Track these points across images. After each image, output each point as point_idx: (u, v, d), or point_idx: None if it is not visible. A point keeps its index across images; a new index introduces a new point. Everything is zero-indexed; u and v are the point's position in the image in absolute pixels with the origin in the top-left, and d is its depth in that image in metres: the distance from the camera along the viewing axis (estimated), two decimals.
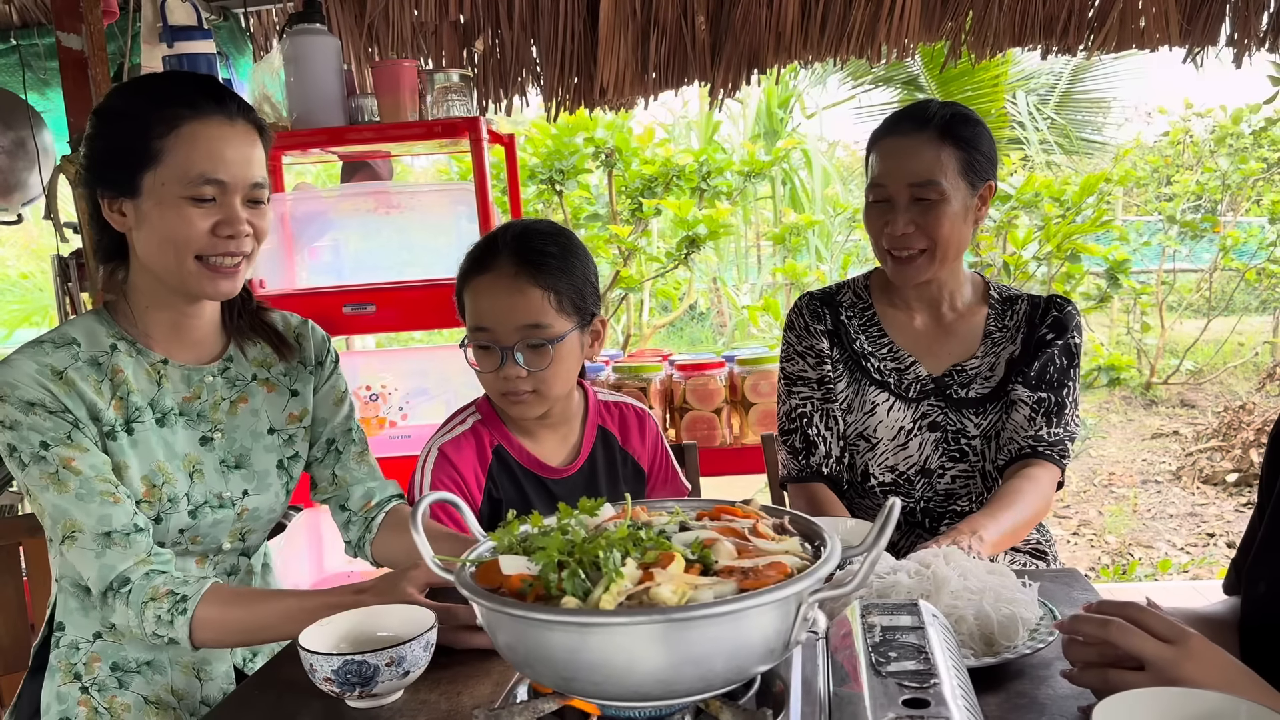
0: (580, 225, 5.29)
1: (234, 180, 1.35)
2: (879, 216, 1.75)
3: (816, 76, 8.42)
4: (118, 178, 1.35)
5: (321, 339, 1.65)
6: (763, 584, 0.77)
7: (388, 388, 2.88)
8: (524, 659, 0.81)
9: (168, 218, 1.34)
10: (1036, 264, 4.67)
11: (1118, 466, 6.19)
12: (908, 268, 1.75)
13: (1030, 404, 1.76)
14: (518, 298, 1.50)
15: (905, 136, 1.73)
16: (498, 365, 1.53)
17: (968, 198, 1.72)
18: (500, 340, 1.52)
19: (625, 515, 0.92)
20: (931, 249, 1.72)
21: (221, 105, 1.37)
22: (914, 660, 0.84)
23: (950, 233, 1.71)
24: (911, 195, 1.70)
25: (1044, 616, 1.18)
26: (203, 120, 1.35)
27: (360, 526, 1.63)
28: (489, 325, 1.52)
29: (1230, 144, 8.13)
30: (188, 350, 1.48)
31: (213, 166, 1.34)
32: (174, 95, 1.36)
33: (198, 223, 1.34)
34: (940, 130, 1.70)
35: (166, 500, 1.41)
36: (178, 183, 1.33)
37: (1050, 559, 1.86)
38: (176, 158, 1.33)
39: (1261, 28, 2.94)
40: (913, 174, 1.70)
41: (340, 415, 1.64)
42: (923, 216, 1.70)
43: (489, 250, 1.54)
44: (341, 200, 3.13)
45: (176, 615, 1.29)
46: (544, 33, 3.11)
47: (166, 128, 1.33)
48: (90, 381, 1.38)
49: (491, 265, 1.52)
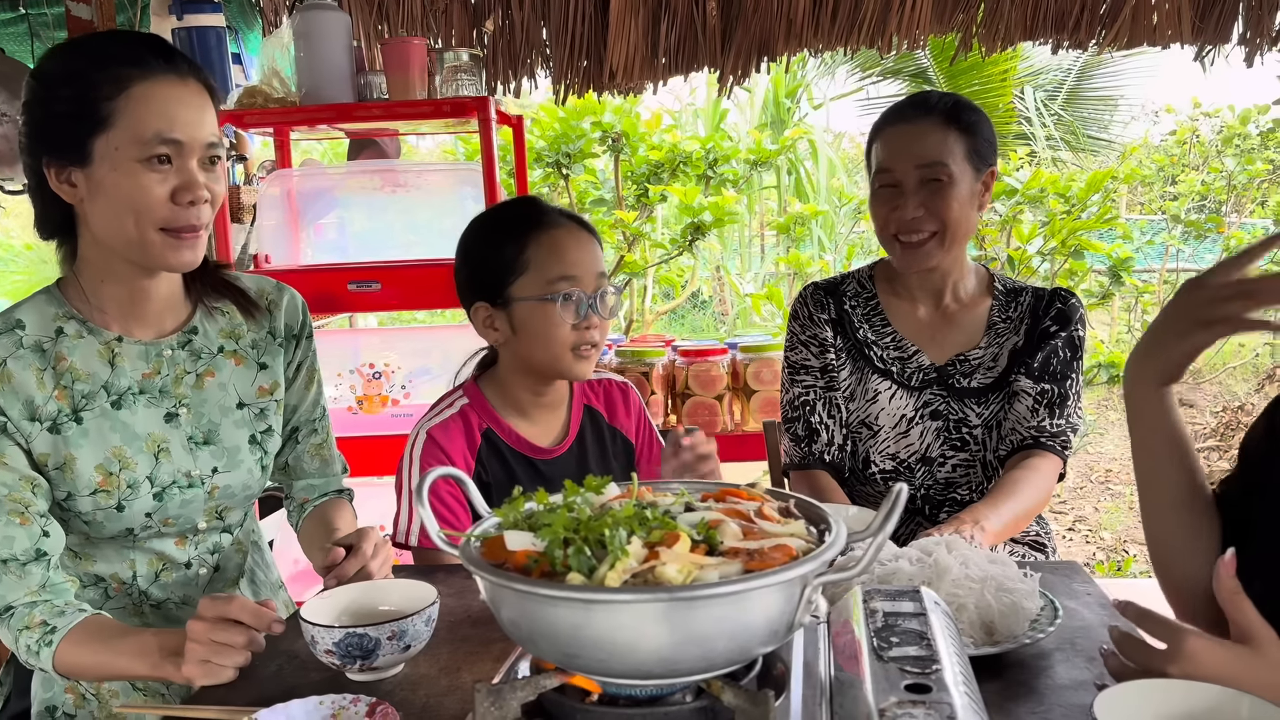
0: (586, 209, 5.28)
1: (190, 140, 1.28)
2: (886, 202, 1.76)
3: (825, 67, 8.39)
4: (65, 145, 1.27)
5: (297, 309, 1.57)
6: (768, 565, 0.77)
7: (390, 366, 2.88)
8: (527, 635, 0.81)
9: (123, 184, 1.26)
10: (1040, 259, 4.67)
11: (1115, 464, 6.20)
12: (916, 252, 1.76)
13: (1033, 395, 1.77)
14: (594, 249, 1.61)
15: (911, 123, 1.75)
16: (578, 316, 1.56)
17: (973, 182, 1.75)
18: (585, 288, 1.57)
19: (631, 494, 0.92)
20: (941, 232, 1.73)
21: (171, 63, 1.29)
22: (916, 646, 0.84)
23: (959, 215, 1.73)
24: (920, 178, 1.72)
25: (1044, 608, 1.19)
26: (153, 79, 1.27)
27: (296, 514, 1.64)
28: (576, 274, 1.56)
29: (1237, 145, 8.11)
30: (146, 324, 1.42)
31: (168, 125, 1.26)
32: (120, 55, 1.28)
33: (155, 188, 1.27)
34: (945, 115, 1.74)
35: (126, 486, 1.37)
36: (132, 145, 1.25)
37: (1049, 551, 1.87)
38: (128, 119, 1.25)
39: (1275, 26, 2.92)
40: (921, 156, 1.72)
41: (308, 400, 1.61)
42: (931, 199, 1.72)
43: (538, 208, 1.62)
44: (348, 177, 3.12)
45: (43, 646, 1.25)
46: (554, 14, 3.09)
47: (115, 89, 1.25)
48: (32, 370, 1.33)
49: (555, 221, 1.60)
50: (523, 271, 1.56)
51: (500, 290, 1.57)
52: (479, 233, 1.65)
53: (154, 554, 1.45)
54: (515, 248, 1.56)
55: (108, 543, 1.41)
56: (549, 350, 1.57)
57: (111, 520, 1.37)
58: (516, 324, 1.58)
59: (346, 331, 3.62)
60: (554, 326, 1.55)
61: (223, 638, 1.15)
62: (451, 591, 1.38)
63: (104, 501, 1.36)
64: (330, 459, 1.66)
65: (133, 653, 1.22)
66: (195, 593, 1.49)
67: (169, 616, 1.47)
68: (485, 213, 1.72)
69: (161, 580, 1.46)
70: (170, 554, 1.46)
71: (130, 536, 1.41)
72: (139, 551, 1.44)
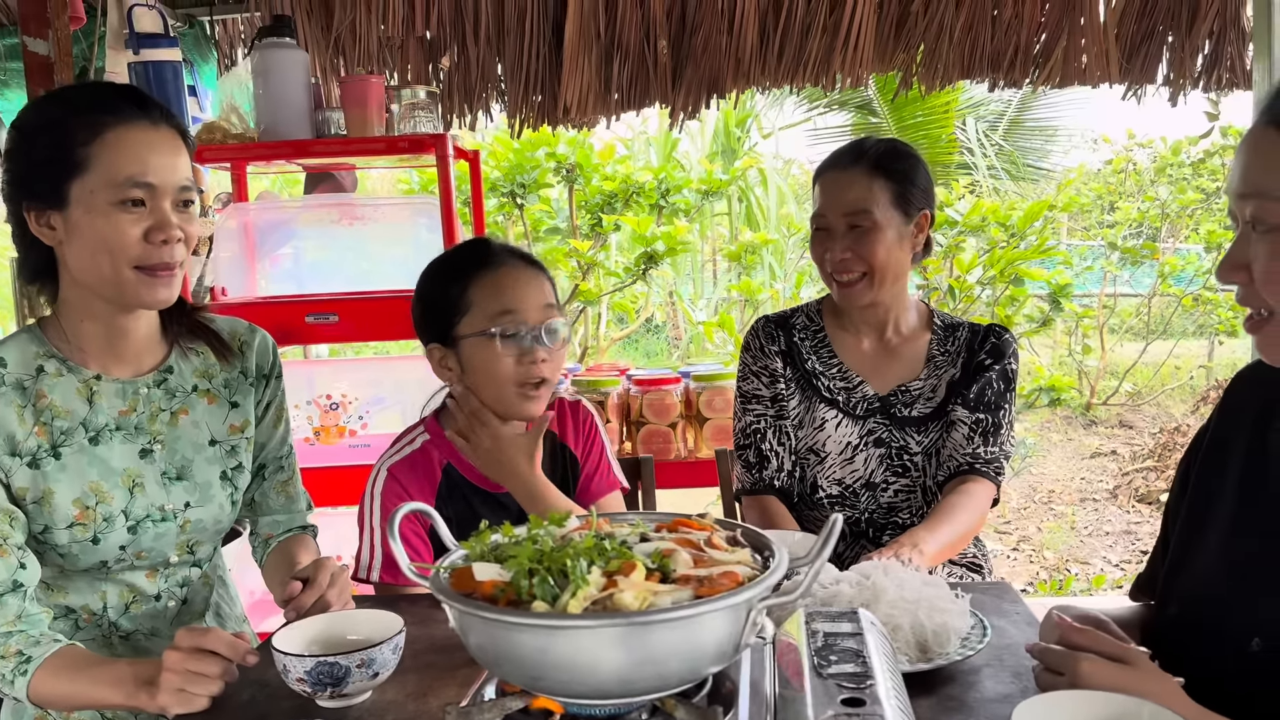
0: (540, 239, 5.35)
1: (163, 183, 1.35)
2: (821, 244, 1.89)
3: (774, 98, 8.57)
4: (43, 190, 1.34)
5: (268, 349, 1.63)
6: (716, 591, 0.84)
7: (348, 396, 2.91)
8: (494, 659, 0.87)
9: (98, 225, 1.32)
10: (981, 288, 4.83)
11: (1057, 484, 6.37)
12: (850, 291, 1.87)
13: (969, 424, 1.87)
14: (536, 283, 1.62)
15: (842, 171, 1.87)
16: (521, 351, 1.58)
17: (901, 226, 1.85)
18: (528, 320, 1.58)
19: (590, 526, 0.99)
20: (870, 273, 1.85)
21: (145, 110, 1.36)
22: (853, 664, 0.91)
23: (885, 258, 1.84)
24: (847, 223, 1.84)
25: (974, 626, 1.27)
26: (127, 125, 1.34)
27: (260, 550, 1.68)
28: (515, 308, 1.58)
29: (1170, 174, 8.42)
30: (124, 363, 1.47)
31: (140, 169, 1.33)
32: (95, 103, 1.35)
33: (129, 229, 1.32)
34: (872, 165, 1.85)
35: (101, 520, 1.41)
36: (106, 188, 1.31)
37: (986, 573, 1.96)
38: (103, 163, 1.32)
39: (1196, 69, 3.09)
40: (847, 204, 1.84)
41: (276, 438, 1.65)
42: (858, 243, 1.83)
43: (484, 248, 1.64)
44: (305, 210, 3.15)
45: (18, 676, 1.27)
46: (509, 51, 3.17)
47: (90, 134, 1.32)
48: (13, 407, 1.37)
49: (499, 261, 1.61)
50: (466, 310, 1.59)
51: (448, 330, 1.61)
52: (430, 275, 1.68)
53: (125, 586, 1.49)
54: (459, 287, 1.59)
55: (81, 575, 1.45)
56: (494, 388, 1.60)
57: (87, 553, 1.41)
58: (464, 363, 1.61)
59: (301, 362, 3.64)
60: (496, 362, 1.57)
61: (198, 667, 1.19)
62: (416, 620, 1.42)
63: (80, 534, 1.40)
64: (295, 495, 1.70)
65: (108, 682, 1.25)
66: (163, 625, 1.52)
67: (137, 648, 1.50)
68: (439, 256, 1.75)
69: (131, 612, 1.49)
70: (141, 586, 1.50)
71: (104, 569, 1.45)
72: (110, 583, 1.48)
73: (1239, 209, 1.02)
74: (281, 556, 1.62)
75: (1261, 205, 0.99)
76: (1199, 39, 3.02)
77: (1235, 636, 1.05)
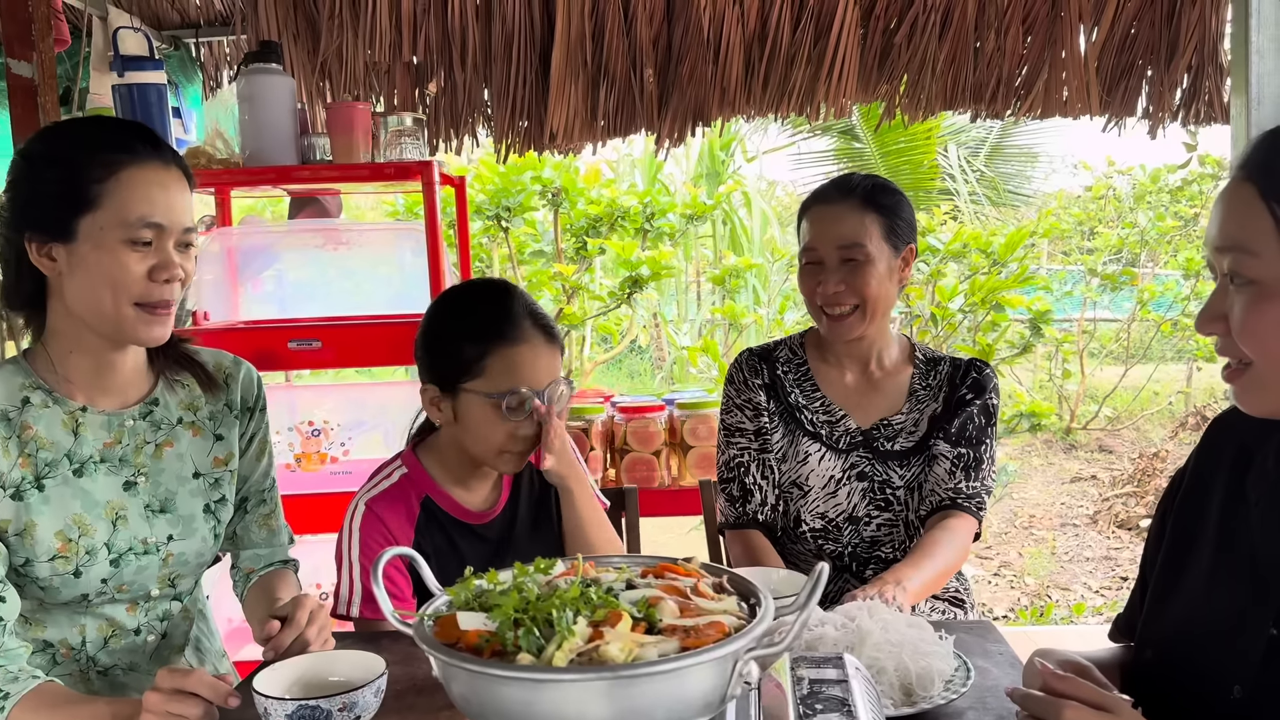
0: (525, 262, 5.35)
1: (171, 224, 1.37)
2: (812, 277, 1.88)
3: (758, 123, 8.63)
4: (49, 222, 1.35)
5: (252, 382, 1.64)
6: (703, 643, 0.84)
7: (330, 423, 2.90)
8: (478, 710, 0.86)
9: (104, 261, 1.34)
10: (963, 315, 4.86)
11: (1038, 509, 6.40)
12: (841, 325, 1.87)
13: (950, 458, 1.88)
14: (551, 361, 1.63)
15: (832, 204, 1.88)
16: (525, 416, 1.58)
17: (891, 259, 1.87)
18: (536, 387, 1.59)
19: (576, 571, 0.98)
20: (861, 306, 1.85)
21: (158, 151, 1.39)
22: (838, 712, 0.91)
23: (877, 291, 1.85)
24: (840, 257, 1.85)
25: (958, 669, 1.27)
26: (141, 165, 1.36)
27: (241, 584, 1.68)
28: (530, 388, 1.58)
29: (1149, 201, 8.52)
30: (110, 395, 1.48)
31: (151, 210, 1.35)
32: (110, 141, 1.37)
33: (134, 266, 1.35)
34: (863, 198, 1.86)
35: (84, 553, 1.41)
36: (118, 226, 1.34)
37: (968, 606, 1.97)
38: (116, 202, 1.34)
39: (1175, 103, 3.14)
40: (840, 237, 1.84)
41: (258, 471, 1.65)
42: (851, 276, 1.84)
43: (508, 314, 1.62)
44: (289, 235, 3.15)
45: None
46: (496, 77, 3.18)
47: (105, 172, 1.34)
48: None
49: (522, 335, 1.60)
50: (478, 375, 1.58)
51: (452, 383, 1.60)
52: (445, 320, 1.66)
53: (104, 620, 1.48)
54: (477, 351, 1.58)
55: (60, 608, 1.44)
56: (480, 446, 1.61)
57: (68, 586, 1.40)
58: (459, 412, 1.61)
59: (283, 386, 3.62)
60: (491, 427, 1.58)
61: (178, 709, 1.17)
62: (397, 659, 1.41)
63: (62, 567, 1.39)
64: (277, 529, 1.69)
65: (89, 717, 1.24)
66: (142, 660, 1.51)
67: (115, 683, 1.49)
68: (457, 295, 1.73)
69: (110, 646, 1.48)
70: (120, 620, 1.49)
71: (84, 602, 1.44)
72: (90, 617, 1.46)
73: (1217, 261, 1.04)
74: (262, 592, 1.61)
75: (1238, 259, 1.00)
76: (1178, 73, 3.06)
77: (1216, 684, 1.06)
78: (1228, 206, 1.03)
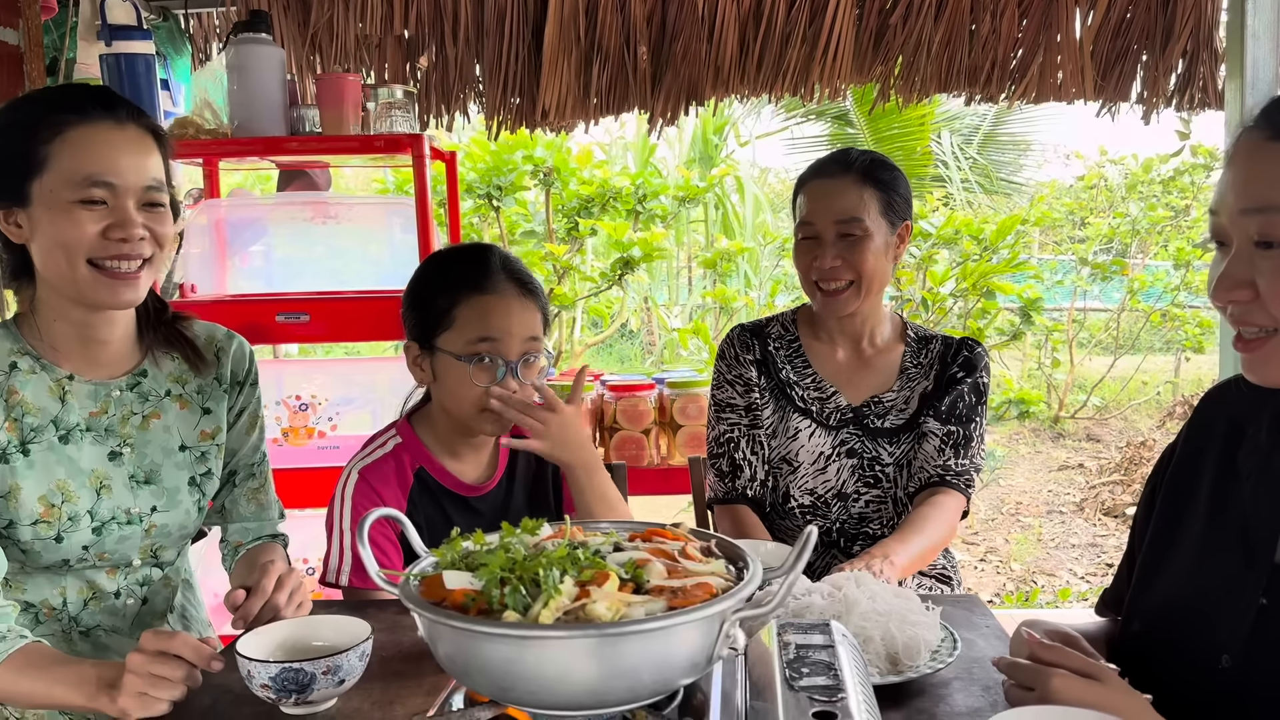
0: (516, 242, 5.33)
1: (125, 183, 1.35)
2: (808, 252, 1.87)
3: (751, 106, 8.60)
4: (8, 187, 1.35)
5: (244, 356, 1.63)
6: (690, 603, 0.83)
7: (318, 397, 2.88)
8: (463, 669, 0.85)
9: (58, 222, 1.33)
10: (953, 300, 4.86)
11: (1025, 496, 6.42)
12: (836, 300, 1.86)
13: (940, 436, 1.87)
14: (525, 315, 1.59)
15: (831, 179, 1.87)
16: (493, 379, 1.56)
17: (887, 235, 1.86)
18: (507, 355, 1.57)
19: (564, 534, 0.97)
20: (858, 281, 1.84)
21: (110, 110, 1.37)
22: (824, 676, 0.91)
23: (874, 266, 1.84)
24: (838, 231, 1.83)
25: (945, 639, 1.27)
26: (89, 125, 1.34)
27: (230, 557, 1.67)
28: (497, 338, 1.57)
29: (1141, 191, 8.52)
30: (97, 365, 1.47)
31: (100, 169, 1.33)
32: (61, 103, 1.36)
33: (87, 226, 1.33)
34: (862, 173, 1.85)
35: (66, 519, 1.41)
36: (65, 187, 1.32)
37: (955, 584, 1.97)
38: (62, 162, 1.32)
39: (1169, 88, 3.13)
40: (839, 211, 1.83)
41: (248, 445, 1.65)
42: (848, 251, 1.83)
43: (483, 265, 1.60)
44: (278, 208, 3.12)
45: None
46: (488, 53, 3.15)
47: (51, 133, 1.33)
48: None
49: (495, 284, 1.58)
50: (449, 326, 1.58)
51: (429, 337, 1.60)
52: (425, 275, 1.67)
53: (85, 582, 1.47)
54: (448, 301, 1.58)
55: (41, 572, 1.44)
56: (458, 405, 1.60)
57: (49, 550, 1.40)
58: (436, 371, 1.61)
59: (271, 362, 3.60)
60: (465, 385, 1.57)
61: (161, 671, 1.17)
62: (384, 627, 1.40)
63: (44, 532, 1.39)
64: (267, 504, 1.68)
65: (70, 682, 1.23)
66: (124, 623, 1.51)
67: (98, 644, 1.49)
68: (441, 255, 1.73)
69: (90, 608, 1.49)
70: (100, 583, 1.48)
71: (64, 566, 1.44)
72: (70, 578, 1.46)
73: (1240, 225, 0.98)
74: (247, 564, 1.61)
75: (1271, 221, 0.95)
76: (1173, 59, 3.06)
77: (1205, 654, 1.06)
78: (1254, 167, 0.97)
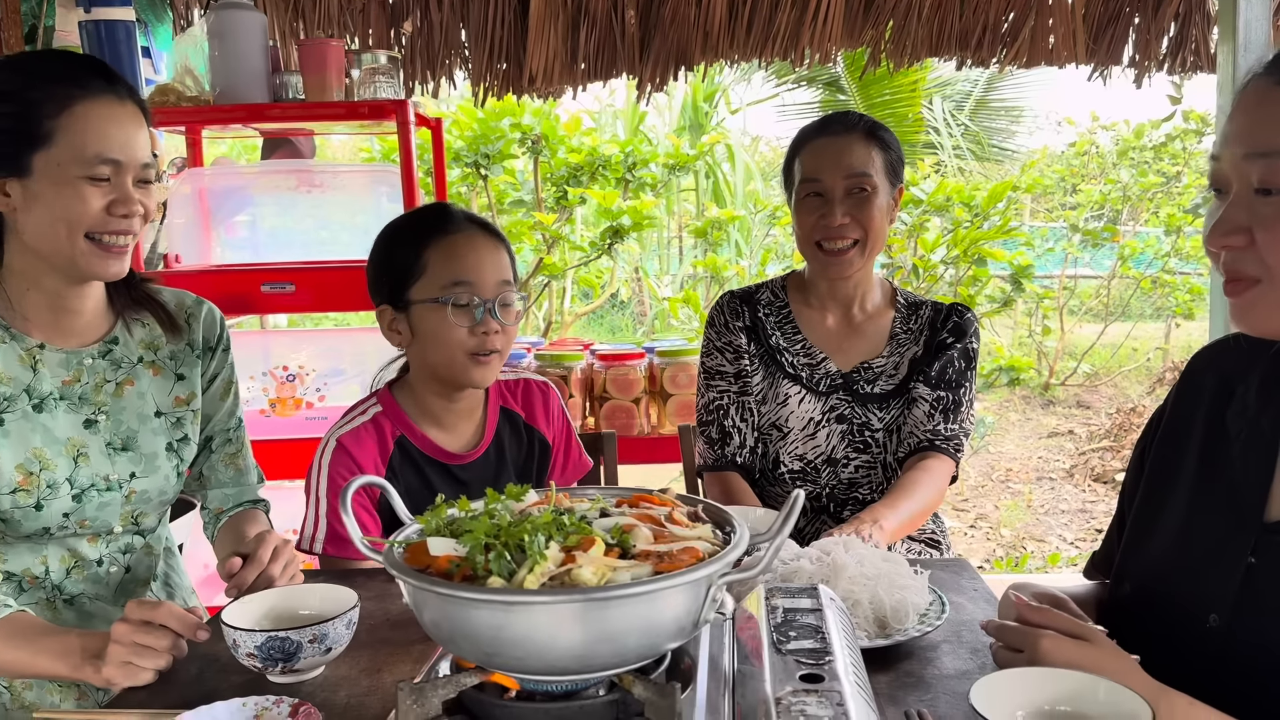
0: (504, 211, 5.29)
1: (128, 160, 1.35)
2: (813, 210, 1.85)
3: (742, 73, 8.54)
4: (4, 157, 1.32)
5: (214, 322, 1.62)
6: (676, 567, 0.83)
7: (305, 368, 2.86)
8: (449, 636, 0.85)
9: (64, 196, 1.32)
10: (944, 267, 4.85)
11: (1015, 463, 6.45)
12: (839, 260, 1.85)
13: (929, 401, 1.87)
14: (494, 255, 1.60)
15: (838, 135, 1.86)
16: (473, 321, 1.56)
17: (889, 194, 1.86)
18: (482, 294, 1.56)
19: (549, 501, 0.97)
20: (863, 240, 1.84)
21: (111, 85, 1.36)
22: (812, 640, 0.90)
23: (879, 225, 1.84)
24: (846, 188, 1.82)
25: (933, 603, 1.27)
26: (94, 100, 1.33)
27: (212, 524, 1.66)
28: (471, 279, 1.56)
29: (1132, 157, 8.50)
30: (68, 334, 1.46)
31: (108, 146, 1.33)
32: (62, 74, 1.34)
33: (93, 201, 1.33)
34: (866, 131, 1.85)
35: (45, 486, 1.40)
36: (74, 163, 1.31)
37: (944, 549, 1.97)
38: (70, 138, 1.31)
39: (1161, 51, 3.11)
40: (848, 167, 1.82)
41: (223, 410, 1.64)
42: (856, 209, 1.82)
43: (444, 214, 1.61)
44: (262, 177, 3.09)
45: None
46: (474, 17, 3.11)
47: (57, 107, 1.31)
48: None
49: (458, 228, 1.59)
50: (420, 275, 1.56)
51: (401, 293, 1.58)
52: (386, 236, 1.65)
53: (67, 550, 1.47)
54: (415, 251, 1.57)
55: (22, 541, 1.43)
56: (444, 354, 1.58)
57: (29, 519, 1.40)
58: (415, 327, 1.59)
59: (258, 333, 3.57)
60: (448, 330, 1.55)
61: (146, 640, 1.16)
62: (371, 595, 1.40)
63: (23, 500, 1.38)
64: (245, 469, 1.67)
65: (55, 652, 1.23)
66: (107, 592, 1.51)
67: (82, 612, 1.48)
68: (397, 217, 1.72)
69: (73, 576, 1.48)
70: (82, 551, 1.48)
71: (45, 535, 1.43)
72: (52, 547, 1.46)
73: (1241, 170, 0.96)
74: (231, 531, 1.60)
75: (1272, 166, 0.93)
76: (1164, 21, 3.04)
77: (1193, 613, 1.06)
78: (1260, 111, 0.95)
